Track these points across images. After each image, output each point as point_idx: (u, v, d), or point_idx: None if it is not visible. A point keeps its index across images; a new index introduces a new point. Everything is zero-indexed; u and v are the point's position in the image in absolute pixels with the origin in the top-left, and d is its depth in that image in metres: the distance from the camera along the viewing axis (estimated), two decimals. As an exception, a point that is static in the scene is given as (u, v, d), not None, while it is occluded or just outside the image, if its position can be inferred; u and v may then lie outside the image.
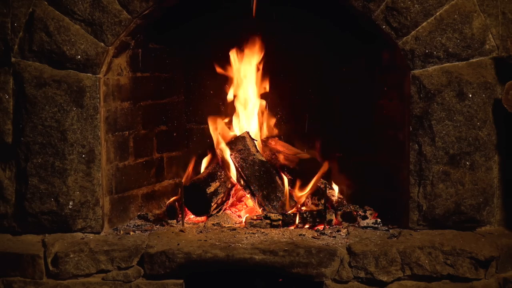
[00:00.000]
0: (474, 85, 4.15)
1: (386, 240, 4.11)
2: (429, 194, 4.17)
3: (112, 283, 4.02)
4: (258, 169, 4.58)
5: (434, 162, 4.16)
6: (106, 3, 4.17)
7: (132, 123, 4.57)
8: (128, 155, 4.54)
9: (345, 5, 4.21)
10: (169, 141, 4.91)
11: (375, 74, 4.56)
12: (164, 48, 4.81)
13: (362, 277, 3.97)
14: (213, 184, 4.55)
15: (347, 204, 4.58)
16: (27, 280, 4.03)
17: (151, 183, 4.75)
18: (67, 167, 4.20)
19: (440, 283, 3.97)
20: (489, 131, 4.18)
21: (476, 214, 4.19)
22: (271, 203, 4.54)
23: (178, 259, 3.99)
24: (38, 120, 4.20)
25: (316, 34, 4.80)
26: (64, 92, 4.20)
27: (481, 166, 4.17)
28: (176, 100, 4.98)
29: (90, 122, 4.22)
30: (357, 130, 4.70)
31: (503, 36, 4.18)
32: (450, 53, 4.15)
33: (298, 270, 3.96)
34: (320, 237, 4.19)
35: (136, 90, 4.60)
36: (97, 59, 4.20)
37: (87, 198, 4.23)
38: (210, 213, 4.55)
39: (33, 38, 4.19)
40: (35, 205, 4.21)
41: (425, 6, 4.13)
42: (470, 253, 3.95)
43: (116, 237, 4.21)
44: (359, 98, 4.68)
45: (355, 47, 4.64)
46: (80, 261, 4.02)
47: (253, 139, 4.68)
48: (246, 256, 3.97)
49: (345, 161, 4.83)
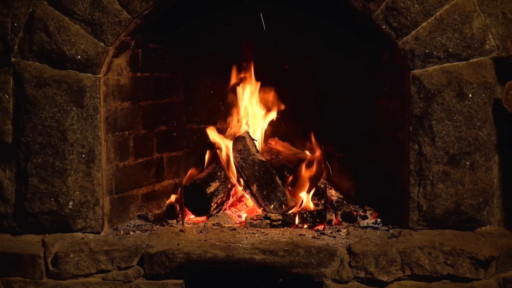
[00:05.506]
0: (474, 85, 4.15)
1: (386, 240, 4.11)
2: (429, 194, 4.17)
3: (112, 283, 4.02)
4: (258, 169, 4.58)
5: (434, 162, 4.16)
6: (106, 3, 4.17)
7: (132, 123, 4.57)
8: (128, 155, 4.54)
9: (345, 5, 4.21)
10: (169, 141, 4.91)
11: (375, 74, 4.56)
12: (164, 48, 4.81)
13: (362, 277, 3.97)
14: (213, 184, 4.55)
15: (347, 204, 4.58)
16: (27, 280, 4.03)
17: (151, 183, 4.75)
18: (67, 167, 4.20)
19: (440, 283, 3.97)
20: (489, 131, 4.18)
21: (476, 214, 4.19)
22: (271, 203, 4.54)
23: (178, 259, 3.99)
24: (38, 120, 4.20)
25: (316, 34, 4.80)
26: (64, 92, 4.20)
27: (481, 166, 4.17)
28: (176, 100, 4.98)
29: (90, 122, 4.22)
30: (357, 130, 4.70)
31: (503, 36, 4.18)
32: (450, 53, 4.15)
33: (298, 270, 3.96)
34: (320, 237, 4.19)
35: (136, 90, 4.60)
36: (97, 59, 4.20)
37: (87, 198, 4.23)
38: (210, 213, 4.55)
39: (33, 38, 4.19)
40: (35, 205, 4.21)
41: (425, 6, 4.13)
42: (470, 253, 3.95)
43: (116, 237, 4.21)
44: (359, 98, 4.68)
45: (355, 47, 4.64)
46: (80, 261, 4.02)
47: (253, 139, 4.69)
48: (246, 256, 3.97)
49: (345, 161, 4.83)
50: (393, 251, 3.98)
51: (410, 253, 3.97)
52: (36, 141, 4.20)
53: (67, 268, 4.02)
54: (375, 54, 4.51)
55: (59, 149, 4.20)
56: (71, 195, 4.22)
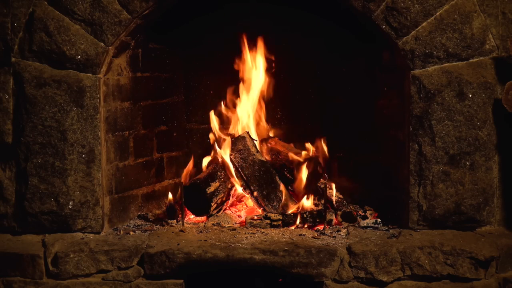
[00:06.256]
0: (474, 85, 4.15)
1: (386, 240, 4.11)
2: (429, 194, 4.17)
3: (112, 283, 4.02)
4: (258, 169, 4.58)
5: (434, 162, 4.16)
6: (106, 3, 4.17)
7: (132, 123, 4.57)
8: (128, 155, 4.54)
9: (345, 5, 4.21)
10: (169, 141, 4.91)
11: (375, 74, 4.56)
12: (164, 48, 4.81)
13: (362, 277, 3.97)
14: (213, 184, 4.55)
15: (347, 204, 4.58)
16: (27, 280, 4.03)
17: (151, 183, 4.75)
18: (67, 167, 4.20)
19: (440, 283, 3.97)
20: (489, 131, 4.17)
21: (476, 214, 4.19)
22: (271, 203, 4.54)
23: (178, 259, 3.99)
24: (38, 120, 4.20)
25: (316, 34, 4.80)
26: (64, 92, 4.20)
27: (481, 166, 4.17)
28: (176, 100, 4.98)
29: (90, 122, 4.21)
30: (357, 130, 4.70)
31: (503, 36, 4.18)
32: (450, 53, 4.15)
33: (298, 270, 3.96)
34: (320, 237, 4.19)
35: (136, 90, 4.60)
36: (97, 59, 4.20)
37: (87, 198, 4.23)
38: (210, 213, 4.55)
39: (33, 38, 4.19)
40: (35, 205, 4.21)
41: (425, 6, 4.13)
42: (470, 253, 3.95)
43: (116, 237, 4.21)
44: (359, 98, 4.68)
45: (355, 47, 4.64)
46: (80, 261, 4.02)
47: (253, 139, 4.69)
48: (246, 256, 3.97)
49: (345, 161, 4.83)
50: (393, 251, 3.98)
51: (410, 253, 3.97)
52: (36, 141, 4.20)
53: (67, 268, 4.02)
54: (375, 54, 4.51)
55: (59, 149, 4.20)
56: (71, 195, 4.22)
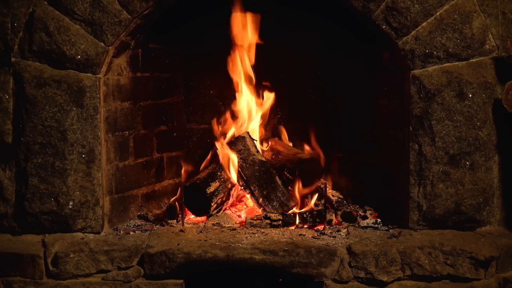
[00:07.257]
0: (474, 85, 4.15)
1: (386, 240, 4.11)
2: (429, 194, 4.17)
3: (112, 283, 4.02)
4: (258, 169, 4.58)
5: (434, 162, 4.16)
6: (106, 3, 4.17)
7: (132, 123, 4.57)
8: (128, 155, 4.54)
9: (345, 5, 4.21)
10: (169, 141, 4.91)
11: (375, 74, 4.56)
12: (164, 48, 4.81)
13: (362, 277, 3.97)
14: (213, 184, 4.55)
15: (347, 204, 4.58)
16: (27, 280, 4.03)
17: (151, 183, 4.75)
18: (67, 167, 4.20)
19: (440, 283, 3.97)
20: (489, 131, 4.18)
21: (476, 214, 4.19)
22: (271, 203, 4.54)
23: (178, 259, 3.99)
24: (38, 120, 4.20)
25: (316, 34, 4.80)
26: (64, 92, 4.20)
27: (481, 166, 4.17)
28: (176, 100, 4.98)
29: (90, 122, 4.22)
30: (357, 130, 4.70)
31: (503, 36, 4.18)
32: (450, 53, 4.15)
33: (298, 270, 3.96)
34: (320, 237, 4.19)
35: (136, 90, 4.60)
36: (97, 59, 4.20)
37: (87, 198, 4.23)
38: (210, 213, 4.55)
39: (33, 38, 4.19)
40: (35, 205, 4.21)
41: (425, 6, 4.13)
42: (470, 253, 3.95)
43: (116, 237, 4.21)
44: (359, 98, 4.68)
45: (355, 47, 4.64)
46: (80, 261, 4.02)
47: (253, 139, 4.69)
48: (246, 256, 3.97)
49: (345, 161, 4.83)
50: (393, 251, 3.98)
51: (410, 253, 3.97)
52: (36, 141, 4.20)
53: (67, 268, 4.02)
54: (375, 54, 4.51)
55: (59, 149, 4.20)
56: (71, 195, 4.22)
